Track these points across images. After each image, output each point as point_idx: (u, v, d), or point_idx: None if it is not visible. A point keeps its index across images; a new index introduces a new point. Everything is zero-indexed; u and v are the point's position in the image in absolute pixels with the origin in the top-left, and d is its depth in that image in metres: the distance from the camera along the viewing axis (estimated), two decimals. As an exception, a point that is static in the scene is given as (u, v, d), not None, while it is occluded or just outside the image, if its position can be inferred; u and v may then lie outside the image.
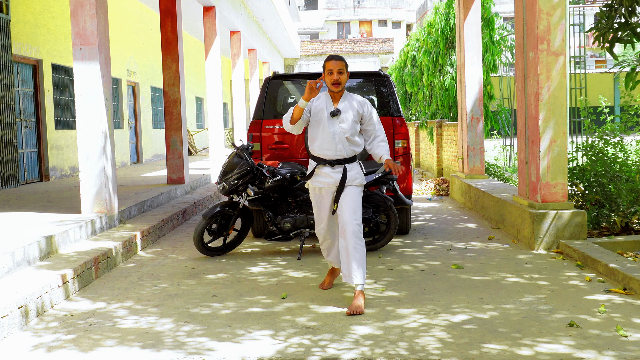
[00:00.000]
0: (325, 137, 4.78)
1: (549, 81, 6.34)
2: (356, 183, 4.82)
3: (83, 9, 7.10)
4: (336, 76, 4.72)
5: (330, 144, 4.78)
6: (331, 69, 4.73)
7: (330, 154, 4.80)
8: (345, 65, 4.77)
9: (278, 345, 3.90)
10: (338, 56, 4.79)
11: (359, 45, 41.74)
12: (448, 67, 13.53)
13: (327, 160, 4.81)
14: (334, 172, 4.81)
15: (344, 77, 4.75)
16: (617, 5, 6.87)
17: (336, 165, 4.80)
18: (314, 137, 4.85)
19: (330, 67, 4.73)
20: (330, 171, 4.81)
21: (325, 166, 4.83)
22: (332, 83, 4.73)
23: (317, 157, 4.86)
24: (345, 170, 4.80)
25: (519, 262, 5.90)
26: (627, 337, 3.86)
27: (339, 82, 4.73)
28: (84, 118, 7.18)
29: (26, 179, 11.78)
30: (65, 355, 3.82)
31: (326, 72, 4.75)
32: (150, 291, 5.22)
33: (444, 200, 10.86)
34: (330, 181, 4.82)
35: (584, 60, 11.46)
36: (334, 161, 4.80)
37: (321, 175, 4.84)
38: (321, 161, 4.83)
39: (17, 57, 11.47)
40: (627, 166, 7.03)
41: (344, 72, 4.75)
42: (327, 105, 4.82)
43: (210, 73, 14.18)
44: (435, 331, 4.06)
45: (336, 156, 4.80)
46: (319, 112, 4.82)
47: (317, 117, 4.81)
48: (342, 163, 4.81)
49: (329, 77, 4.75)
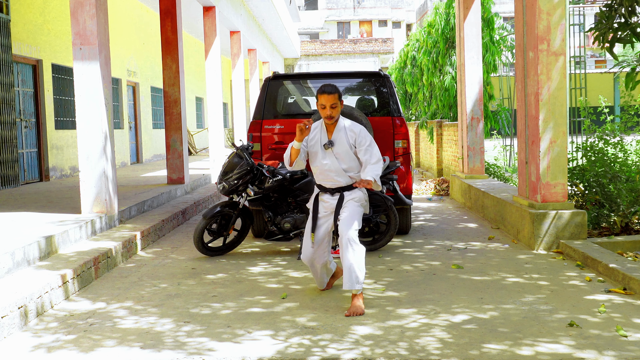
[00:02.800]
0: (322, 168, 4.79)
1: (549, 81, 6.34)
2: (352, 198, 4.77)
3: (83, 9, 7.10)
4: (329, 111, 4.66)
5: (326, 174, 4.79)
6: (324, 104, 4.66)
7: (329, 184, 4.83)
8: (339, 96, 4.68)
9: (278, 345, 3.90)
10: (330, 88, 4.65)
11: (359, 45, 41.73)
12: (448, 67, 13.53)
13: (327, 189, 4.84)
14: (332, 199, 4.83)
15: (337, 111, 4.68)
16: (617, 5, 6.87)
17: (335, 193, 4.83)
18: (313, 167, 4.88)
19: (323, 102, 4.65)
20: (329, 198, 4.84)
21: (325, 194, 4.87)
22: (326, 117, 4.70)
23: (318, 185, 4.91)
24: (342, 196, 4.79)
25: (519, 262, 5.90)
26: (627, 337, 3.86)
27: (332, 117, 4.69)
28: (84, 118, 7.17)
29: (26, 179, 11.78)
30: (65, 355, 3.82)
31: (319, 106, 4.69)
32: (150, 291, 5.22)
33: (444, 200, 10.85)
34: (328, 206, 4.85)
35: (584, 60, 11.47)
36: (333, 190, 4.82)
37: (323, 201, 4.88)
38: (322, 189, 4.88)
39: (17, 57, 11.46)
40: (627, 166, 7.03)
41: (337, 106, 4.67)
42: (322, 135, 4.80)
43: (210, 73, 14.18)
44: (436, 331, 4.06)
45: (334, 185, 4.82)
46: (315, 143, 4.81)
47: (314, 149, 4.82)
48: (341, 191, 4.81)
49: (322, 111, 4.70)
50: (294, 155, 4.76)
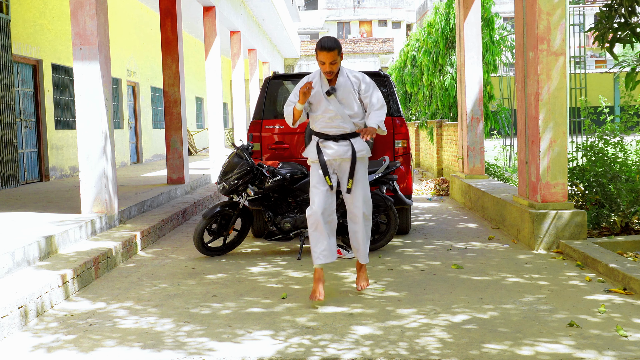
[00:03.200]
0: (327, 116, 4.76)
1: (549, 81, 6.34)
2: (363, 154, 4.82)
3: (83, 9, 7.10)
4: (328, 67, 4.66)
5: (332, 122, 4.76)
6: (323, 61, 4.65)
7: (334, 131, 4.78)
8: (338, 51, 4.65)
9: (278, 345, 3.90)
10: (330, 43, 4.62)
11: (359, 45, 41.74)
12: (448, 67, 13.53)
13: (330, 136, 4.79)
14: (339, 145, 4.77)
15: (336, 66, 4.68)
16: (617, 5, 6.87)
17: (340, 139, 4.78)
18: (315, 117, 4.82)
19: (322, 59, 4.65)
20: (334, 144, 4.77)
21: (327, 140, 4.79)
22: (325, 72, 4.71)
23: (319, 133, 4.82)
24: (351, 144, 4.77)
25: (519, 262, 5.90)
26: (627, 337, 3.86)
27: (331, 72, 4.70)
28: (84, 118, 7.18)
29: (26, 179, 11.78)
30: (65, 355, 3.82)
31: (319, 62, 4.69)
32: (150, 291, 5.22)
33: (444, 200, 10.85)
34: (333, 152, 4.76)
35: (584, 60, 11.47)
36: (338, 136, 4.79)
37: (327, 148, 4.78)
38: (323, 136, 4.80)
39: (17, 57, 11.47)
40: (627, 166, 7.03)
41: (336, 62, 4.66)
42: (323, 86, 4.78)
43: (210, 73, 14.18)
44: (436, 331, 4.06)
45: (339, 132, 4.79)
46: (316, 94, 4.79)
47: (316, 99, 4.78)
48: (346, 138, 4.79)
49: (321, 66, 4.70)
50: (298, 115, 4.74)
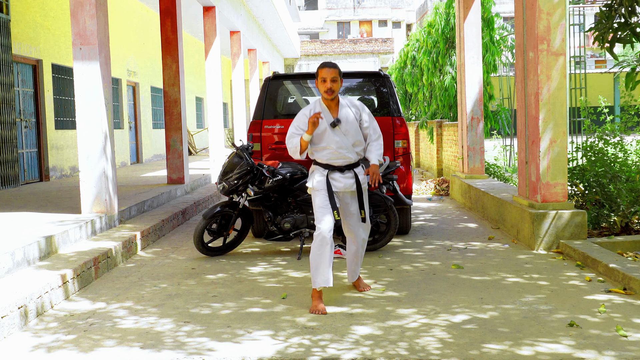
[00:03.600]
0: (332, 146, 4.78)
1: (549, 81, 6.34)
2: (366, 187, 4.95)
3: (83, 9, 7.10)
4: (329, 84, 4.67)
5: (337, 153, 4.79)
6: (324, 77, 4.68)
7: (339, 162, 4.82)
8: (339, 72, 4.72)
9: (278, 345, 3.90)
10: (332, 63, 4.74)
11: (359, 45, 41.73)
12: (448, 67, 13.53)
13: (336, 167, 4.83)
14: (344, 177, 4.83)
15: (337, 85, 4.70)
16: (617, 5, 6.87)
17: (345, 170, 4.84)
18: (319, 148, 4.84)
19: (324, 75, 4.67)
20: (341, 176, 4.83)
21: (334, 172, 4.84)
22: (325, 91, 4.70)
23: (326, 165, 4.85)
24: (356, 175, 4.85)
25: (519, 262, 5.90)
26: (627, 337, 3.86)
27: (332, 90, 4.69)
28: (84, 118, 7.18)
29: (26, 179, 11.78)
30: (65, 355, 3.82)
31: (319, 80, 4.72)
32: (150, 291, 5.22)
33: (444, 200, 10.85)
34: (342, 186, 4.83)
35: (584, 60, 11.47)
36: (344, 167, 4.84)
37: (335, 181, 4.83)
38: (330, 168, 4.84)
39: (17, 57, 11.47)
40: (627, 166, 7.03)
41: (337, 80, 4.70)
42: (326, 115, 4.79)
43: (210, 73, 14.18)
44: (436, 331, 4.06)
45: (344, 162, 4.83)
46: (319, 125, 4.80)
47: (319, 130, 4.79)
48: (351, 168, 4.85)
49: (322, 84, 4.70)
50: (305, 146, 4.76)
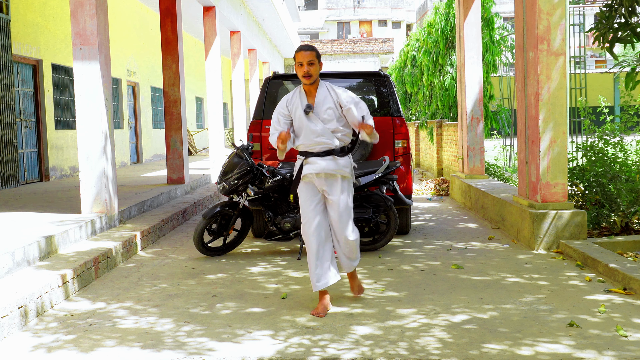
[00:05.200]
0: (308, 134, 4.58)
1: (549, 81, 6.34)
2: (346, 172, 4.62)
3: (83, 9, 7.10)
4: (306, 68, 4.48)
5: (313, 139, 4.58)
6: (301, 61, 4.49)
7: (318, 148, 4.59)
8: (317, 55, 4.54)
9: (278, 345, 3.90)
10: (309, 46, 4.56)
11: (359, 45, 41.73)
12: (448, 67, 13.53)
13: (314, 153, 4.62)
14: (322, 160, 4.58)
15: (314, 69, 4.50)
16: (617, 5, 6.87)
17: (325, 155, 4.60)
18: (298, 133, 4.65)
19: (300, 59, 4.49)
20: (319, 159, 4.59)
21: (312, 157, 4.61)
22: (303, 76, 4.52)
23: (304, 152, 4.66)
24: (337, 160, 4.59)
25: (519, 262, 5.90)
26: (627, 337, 3.86)
27: (309, 74, 4.49)
28: (84, 118, 7.18)
29: (26, 179, 11.78)
30: (65, 355, 3.82)
31: (296, 64, 4.54)
32: (150, 291, 5.22)
33: (444, 200, 10.85)
34: (318, 167, 4.56)
35: (584, 60, 11.47)
36: (323, 153, 4.60)
37: (310, 163, 4.62)
38: (309, 155, 4.63)
39: (17, 57, 11.46)
40: (627, 166, 7.03)
41: (314, 64, 4.50)
42: (302, 101, 4.60)
43: (210, 73, 14.18)
44: (435, 331, 4.06)
45: (324, 148, 4.59)
46: (296, 109, 4.62)
47: (296, 114, 4.62)
48: (331, 154, 4.58)
49: (299, 69, 4.51)
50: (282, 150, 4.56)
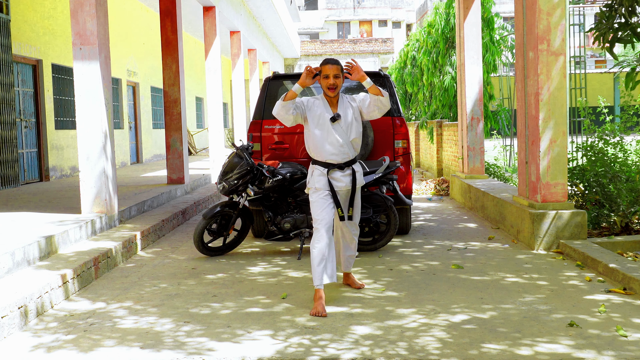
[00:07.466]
0: (333, 142, 4.81)
1: (549, 81, 6.34)
2: (361, 186, 5.04)
3: (83, 9, 7.10)
4: (332, 80, 4.76)
5: (337, 149, 4.82)
6: (327, 74, 4.77)
7: (339, 159, 4.84)
8: (341, 69, 4.82)
9: (278, 345, 3.90)
10: (334, 60, 4.84)
11: (359, 45, 41.72)
12: (448, 67, 13.53)
13: (335, 165, 4.84)
14: (344, 176, 4.87)
15: (339, 82, 4.79)
16: (617, 5, 6.87)
17: (345, 168, 4.87)
18: (319, 143, 4.83)
19: (327, 72, 4.76)
20: (341, 175, 4.86)
21: (335, 171, 4.85)
22: (328, 87, 4.77)
23: (325, 163, 4.84)
24: (353, 172, 4.90)
25: (519, 262, 5.90)
26: (627, 337, 3.86)
27: (335, 86, 4.78)
28: (84, 118, 7.18)
29: (26, 179, 11.78)
30: (65, 355, 3.82)
31: (322, 76, 4.80)
32: (150, 291, 5.22)
33: (444, 200, 10.85)
34: (343, 185, 4.87)
35: (584, 60, 11.47)
36: (343, 164, 4.86)
37: (336, 180, 4.85)
38: (330, 166, 4.84)
39: (17, 57, 11.47)
40: (627, 166, 7.03)
41: (339, 77, 4.80)
42: (327, 110, 4.84)
43: (210, 73, 14.18)
44: (435, 331, 4.06)
45: (344, 159, 4.86)
46: (318, 116, 4.82)
47: (319, 122, 4.82)
48: (350, 164, 4.89)
49: (324, 81, 4.78)
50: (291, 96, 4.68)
